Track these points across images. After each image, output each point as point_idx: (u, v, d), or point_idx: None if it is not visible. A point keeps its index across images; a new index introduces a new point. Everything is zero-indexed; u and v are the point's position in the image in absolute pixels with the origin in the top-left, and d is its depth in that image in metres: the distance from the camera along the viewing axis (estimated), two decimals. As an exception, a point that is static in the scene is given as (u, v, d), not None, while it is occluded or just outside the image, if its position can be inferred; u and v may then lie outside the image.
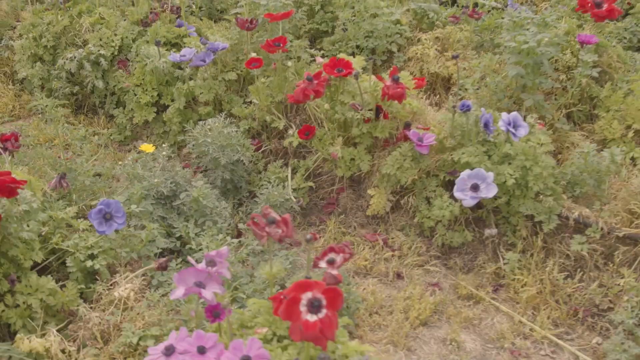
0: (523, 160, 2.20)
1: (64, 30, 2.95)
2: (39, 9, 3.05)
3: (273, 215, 1.50)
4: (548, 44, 2.47)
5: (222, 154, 2.39)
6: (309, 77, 2.27)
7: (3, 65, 3.21)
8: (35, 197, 1.86)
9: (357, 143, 2.43)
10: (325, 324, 1.28)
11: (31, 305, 1.74)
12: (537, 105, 2.56)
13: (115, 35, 2.88)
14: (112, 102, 2.91)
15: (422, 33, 3.00)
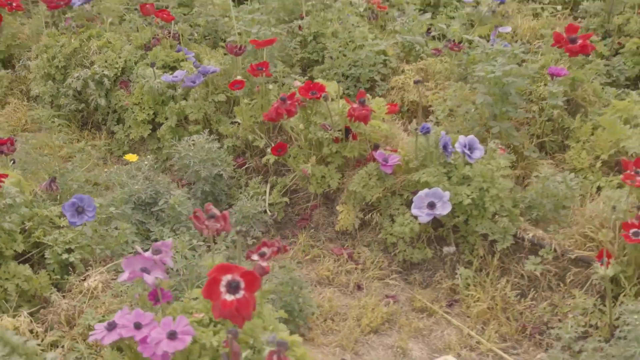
0: (481, 182, 2.33)
1: (74, 52, 3.20)
2: (54, 33, 3.32)
3: (214, 211, 1.66)
4: (515, 75, 2.61)
5: (202, 167, 2.57)
6: (282, 98, 2.45)
7: (20, 84, 3.48)
8: (19, 194, 2.06)
9: (328, 162, 2.59)
10: (242, 303, 1.43)
11: (7, 288, 1.93)
12: (506, 132, 2.69)
13: (119, 57, 3.12)
14: (113, 119, 3.13)
15: (406, 64, 3.17)
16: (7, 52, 3.55)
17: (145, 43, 3.17)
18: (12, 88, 3.44)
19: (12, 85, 3.45)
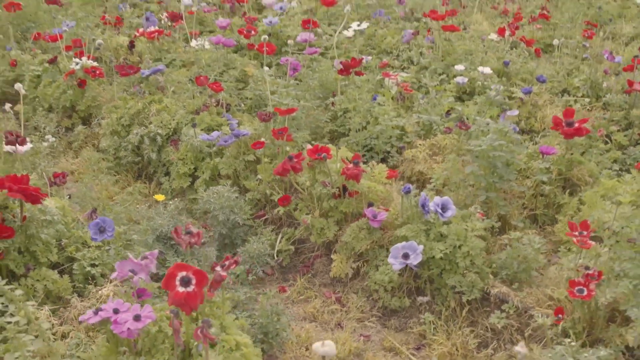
0: (455, 240, 2.62)
1: (137, 113, 3.77)
2: (125, 97, 3.92)
3: (190, 229, 2.06)
4: (503, 150, 2.91)
5: (221, 213, 2.99)
6: (289, 156, 2.86)
7: (93, 138, 4.07)
8: (59, 215, 2.55)
9: (329, 216, 2.94)
10: (191, 295, 1.79)
11: (36, 288, 2.38)
12: (493, 202, 2.97)
13: (173, 119, 3.65)
14: (162, 172, 3.63)
15: (421, 140, 3.52)
16: (87, 111, 4.18)
17: (196, 109, 3.71)
18: (86, 142, 4.04)
19: (87, 139, 4.05)
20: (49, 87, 4.26)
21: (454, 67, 4.45)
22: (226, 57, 4.47)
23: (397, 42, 5.09)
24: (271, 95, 3.62)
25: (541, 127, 4.11)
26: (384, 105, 3.69)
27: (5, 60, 4.69)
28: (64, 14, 5.45)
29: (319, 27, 5.30)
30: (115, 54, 4.95)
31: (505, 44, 5.11)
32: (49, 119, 4.11)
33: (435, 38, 4.90)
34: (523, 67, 4.70)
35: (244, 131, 3.30)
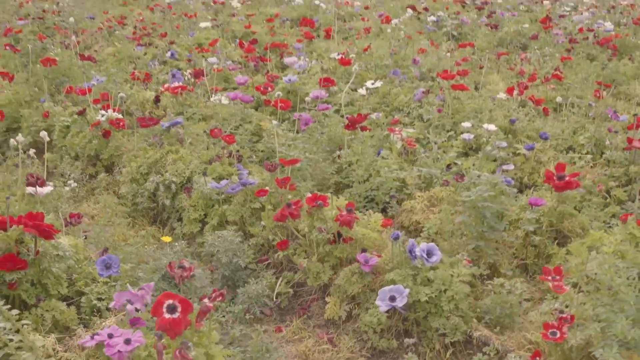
0: (440, 284, 2.76)
1: (155, 162, 4.02)
2: (144, 147, 4.18)
3: (184, 264, 2.25)
4: (491, 200, 3.06)
5: (224, 255, 3.18)
6: (288, 204, 3.05)
7: (114, 185, 4.33)
8: (71, 251, 2.76)
9: (325, 260, 3.11)
10: (175, 321, 1.97)
11: (45, 318, 2.57)
12: (483, 251, 3.10)
13: (187, 168, 3.89)
14: (175, 217, 3.85)
15: (420, 192, 3.69)
16: (110, 160, 4.45)
17: (209, 159, 3.94)
18: (108, 188, 4.29)
19: (108, 186, 4.31)
20: (76, 137, 4.55)
21: (462, 124, 4.62)
22: (243, 112, 4.73)
23: (409, 100, 5.30)
24: (279, 148, 3.84)
25: (543, 183, 4.23)
26: (387, 159, 3.88)
27: (38, 111, 5.03)
28: (97, 69, 5.82)
29: (335, 85, 5.55)
30: (142, 108, 5.26)
31: (514, 103, 5.28)
32: (75, 167, 4.38)
33: (446, 97, 5.10)
34: (529, 125, 4.86)
35: (250, 180, 3.51)
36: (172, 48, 7.15)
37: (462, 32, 9.58)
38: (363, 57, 6.82)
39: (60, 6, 10.67)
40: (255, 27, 9.20)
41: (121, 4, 12.12)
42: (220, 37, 8.01)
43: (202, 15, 10.37)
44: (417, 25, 9.99)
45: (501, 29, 9.21)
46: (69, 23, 8.85)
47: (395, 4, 12.11)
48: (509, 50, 8.42)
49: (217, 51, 7.04)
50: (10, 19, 9.06)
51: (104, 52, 7.40)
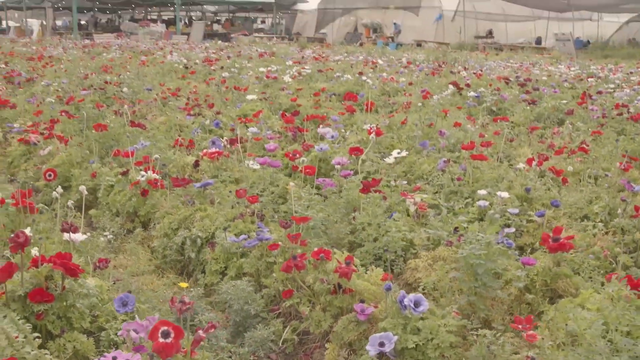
0: (427, 333, 2.96)
1: (184, 219, 4.39)
2: (177, 205, 4.57)
3: (184, 299, 2.54)
4: (483, 258, 3.27)
5: (235, 302, 3.46)
6: (294, 256, 3.34)
7: (149, 240, 4.70)
8: (95, 289, 3.10)
9: (327, 310, 3.35)
10: (168, 345, 2.26)
11: (67, 348, 2.89)
12: (475, 305, 3.30)
13: (213, 225, 4.23)
14: (199, 270, 4.17)
15: (426, 251, 3.92)
16: (147, 216, 4.84)
17: (234, 217, 4.28)
18: (142, 242, 4.66)
19: (143, 240, 4.68)
20: (118, 195, 4.98)
21: (478, 191, 4.85)
22: (272, 176, 5.08)
23: (433, 169, 5.57)
24: (295, 207, 4.16)
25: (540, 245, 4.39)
26: (398, 221, 4.14)
27: (88, 171, 5.51)
28: (145, 136, 6.31)
29: (362, 153, 5.87)
30: (182, 171, 5.68)
31: (534, 173, 5.48)
32: (115, 222, 4.79)
33: (467, 166, 5.35)
34: (546, 194, 5.04)
35: (266, 236, 3.82)
36: (218, 118, 7.65)
37: (501, 107, 9.86)
38: (394, 129, 7.15)
39: (121, 78, 11.49)
40: (301, 100, 9.69)
41: (180, 77, 12.90)
42: (265, 109, 8.51)
43: (252, 88, 10.97)
44: (458, 100, 10.32)
45: (539, 105, 9.46)
46: (127, 94, 9.55)
47: (440, 81, 12.52)
48: (546, 125, 8.64)
49: (259, 122, 7.50)
50: (75, 89, 9.81)
51: (156, 120, 7.95)
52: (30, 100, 8.94)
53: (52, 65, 15.00)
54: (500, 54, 25.81)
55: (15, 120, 7.70)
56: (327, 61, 17.66)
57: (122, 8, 55.17)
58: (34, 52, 19.84)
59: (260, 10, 54.14)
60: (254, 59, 18.52)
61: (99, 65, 14.63)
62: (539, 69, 15.99)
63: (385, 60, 18.20)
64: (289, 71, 13.87)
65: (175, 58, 17.46)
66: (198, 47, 25.39)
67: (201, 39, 38.14)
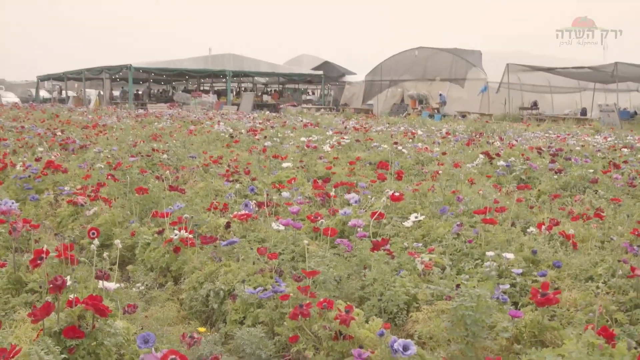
0: (416, 377, 3.28)
1: (210, 273, 4.81)
2: (204, 261, 5.00)
3: (194, 335, 2.93)
4: (472, 310, 3.57)
5: (248, 347, 3.83)
6: (300, 305, 3.71)
7: (179, 293, 5.11)
8: (122, 330, 3.51)
9: (330, 354, 3.69)
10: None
11: (94, 379, 3.29)
12: (463, 352, 3.58)
13: (235, 279, 4.64)
14: (221, 320, 4.55)
15: (428, 305, 4.23)
16: (178, 272, 5.27)
17: (254, 272, 4.68)
18: (173, 295, 5.09)
19: (173, 294, 5.11)
20: (153, 252, 5.45)
21: (487, 253, 5.16)
22: (294, 236, 5.49)
23: (447, 232, 5.89)
24: (311, 264, 4.54)
25: (560, 306, 4.64)
26: (404, 278, 4.47)
27: (127, 230, 6.02)
28: (183, 199, 6.82)
29: (384, 218, 6.25)
30: (215, 232, 6.14)
31: (544, 237, 5.75)
32: (149, 276, 5.24)
33: (480, 230, 5.67)
34: (553, 256, 5.31)
35: (280, 288, 4.20)
36: (253, 184, 8.15)
37: (531, 176, 10.12)
38: (417, 196, 7.52)
39: (168, 146, 12.21)
40: (336, 169, 10.17)
41: (224, 146, 13.58)
42: (299, 176, 9.00)
43: (291, 157, 11.51)
44: (489, 169, 10.64)
45: (567, 174, 9.71)
46: (172, 160, 10.18)
47: (473, 152, 12.87)
48: (572, 193, 8.87)
49: (292, 188, 7.97)
50: (124, 156, 10.51)
51: (197, 186, 8.50)
52: (82, 166, 9.64)
53: (105, 133, 15.94)
54: (542, 125, 26.03)
55: (66, 184, 8.35)
56: (368, 132, 18.21)
57: (177, 79, 57.59)
58: (89, 121, 21.04)
59: (309, 82, 55.75)
60: (297, 129, 19.23)
61: (148, 133, 15.49)
62: (576, 140, 16.20)
63: (424, 131, 18.68)
64: (328, 141, 14.43)
65: (222, 128, 18.29)
66: (246, 117, 26.39)
67: (250, 110, 39.49)
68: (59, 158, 10.77)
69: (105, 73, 46.43)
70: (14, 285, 4.42)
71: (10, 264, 4.51)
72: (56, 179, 8.75)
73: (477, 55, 41.62)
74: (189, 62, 44.02)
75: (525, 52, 46.00)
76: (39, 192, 8.19)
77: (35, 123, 19.58)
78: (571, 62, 37.66)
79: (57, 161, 9.88)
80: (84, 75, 49.26)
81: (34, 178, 8.59)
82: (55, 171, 8.95)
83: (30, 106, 38.51)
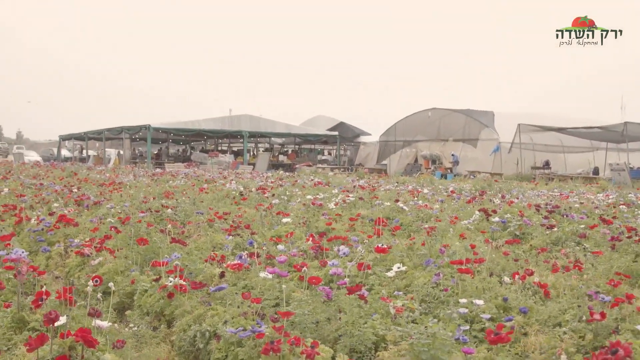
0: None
1: (199, 316, 5.19)
2: (195, 305, 5.39)
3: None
4: (429, 347, 3.92)
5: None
6: (271, 341, 4.08)
7: (172, 335, 5.48)
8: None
9: (298, 388, 4.04)
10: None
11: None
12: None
13: (220, 321, 5.01)
14: (207, 359, 4.91)
15: (394, 345, 4.57)
16: (171, 316, 5.66)
17: (239, 314, 5.06)
18: (165, 338, 5.46)
19: (166, 336, 5.48)
20: (149, 297, 5.86)
21: (460, 300, 5.51)
22: (280, 284, 5.88)
23: (428, 282, 6.25)
24: (288, 307, 4.92)
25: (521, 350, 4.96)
26: (375, 320, 4.84)
27: (128, 278, 6.45)
28: (184, 251, 7.26)
29: (370, 269, 6.62)
30: (211, 281, 6.54)
31: (518, 286, 6.09)
32: (144, 320, 5.63)
33: (457, 279, 6.02)
34: (524, 304, 5.63)
35: (258, 329, 4.57)
36: (253, 238, 8.58)
37: (525, 232, 10.45)
38: (405, 249, 7.90)
39: (178, 202, 12.72)
40: (336, 225, 10.57)
41: (233, 203, 14.06)
42: (297, 231, 9.42)
43: (295, 214, 11.95)
44: (485, 225, 10.98)
45: (559, 229, 10.03)
46: (180, 216, 10.67)
47: (472, 209, 13.23)
48: (563, 248, 9.17)
49: (288, 242, 8.38)
50: (134, 212, 11.01)
51: (200, 240, 8.95)
52: (93, 220, 10.15)
53: (120, 190, 16.54)
54: (550, 184, 26.33)
55: (76, 237, 8.84)
56: (375, 190, 18.65)
57: (195, 140, 58.83)
58: (106, 179, 21.74)
59: (324, 142, 56.66)
60: (307, 187, 19.72)
61: (161, 191, 16.05)
62: (578, 197, 16.50)
63: (430, 190, 19.08)
64: (334, 199, 14.86)
65: (234, 186, 18.84)
66: (259, 177, 27.00)
67: (265, 169, 40.25)
68: (72, 213, 11.30)
69: (125, 133, 47.68)
70: (17, 324, 4.84)
71: (15, 305, 4.94)
72: (67, 232, 9.25)
73: (490, 116, 42.34)
74: (207, 123, 45.12)
75: (538, 113, 46.70)
76: (50, 245, 8.68)
77: (54, 180, 20.31)
78: (584, 122, 38.20)
79: (70, 216, 10.40)
80: (104, 135, 50.60)
81: (46, 231, 9.10)
82: (67, 225, 9.46)
83: (51, 165, 39.63)
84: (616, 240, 8.69)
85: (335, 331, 4.93)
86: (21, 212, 10.80)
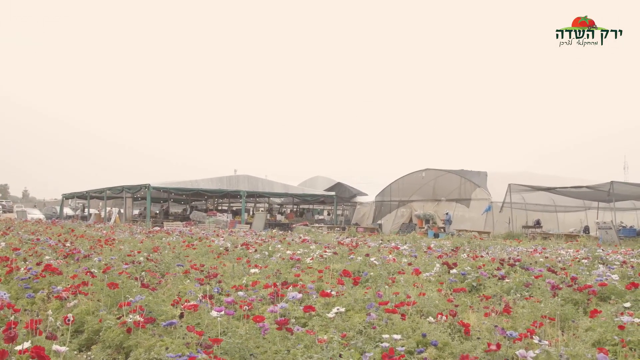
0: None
1: (150, 347, 5.95)
2: (148, 338, 6.15)
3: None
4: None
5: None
6: (199, 360, 4.83)
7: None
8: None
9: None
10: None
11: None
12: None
13: (166, 350, 5.77)
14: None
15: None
16: (128, 349, 6.40)
17: (182, 344, 5.81)
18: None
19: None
20: (111, 333, 6.62)
21: (383, 335, 6.25)
22: (228, 322, 6.64)
23: (362, 321, 7.00)
24: (227, 339, 5.68)
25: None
26: (298, 350, 5.59)
27: (97, 317, 7.22)
28: (152, 295, 8.04)
29: (314, 310, 7.38)
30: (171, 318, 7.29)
31: (442, 325, 6.83)
32: (105, 352, 6.37)
33: (386, 318, 6.78)
34: (442, 340, 6.38)
35: (193, 354, 5.32)
36: (219, 286, 9.35)
37: (482, 283, 11.19)
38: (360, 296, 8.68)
39: (162, 256, 13.52)
40: (305, 277, 11.33)
41: (215, 257, 14.83)
42: (262, 281, 10.19)
43: (272, 267, 12.71)
44: (445, 277, 11.73)
45: (511, 280, 10.78)
46: (160, 268, 11.46)
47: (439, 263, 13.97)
48: (513, 297, 9.90)
49: (249, 289, 9.15)
50: (119, 264, 11.81)
51: (174, 288, 9.72)
52: (77, 271, 10.94)
53: (113, 245, 17.34)
54: (532, 242, 27.01)
55: (59, 284, 9.63)
56: (357, 247, 19.37)
57: (195, 199, 59.81)
58: (102, 236, 22.55)
59: (322, 202, 57.53)
60: (293, 244, 20.45)
61: (151, 246, 16.84)
62: (550, 253, 17.22)
63: (411, 246, 19.80)
64: (312, 254, 15.62)
65: (222, 242, 19.62)
66: (252, 235, 27.74)
67: (262, 228, 40.97)
68: (61, 264, 12.09)
69: (125, 192, 48.71)
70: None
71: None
72: (52, 280, 10.03)
73: (483, 176, 43.29)
74: (205, 183, 46.15)
75: (530, 173, 47.69)
76: (35, 291, 9.45)
77: (51, 236, 21.13)
78: (574, 181, 39.04)
79: (60, 267, 11.19)
80: (106, 194, 51.68)
81: (32, 279, 9.89)
82: (52, 274, 10.25)
83: (52, 222, 40.55)
84: (556, 288, 9.42)
85: (264, 358, 5.68)
86: (12, 263, 11.60)
